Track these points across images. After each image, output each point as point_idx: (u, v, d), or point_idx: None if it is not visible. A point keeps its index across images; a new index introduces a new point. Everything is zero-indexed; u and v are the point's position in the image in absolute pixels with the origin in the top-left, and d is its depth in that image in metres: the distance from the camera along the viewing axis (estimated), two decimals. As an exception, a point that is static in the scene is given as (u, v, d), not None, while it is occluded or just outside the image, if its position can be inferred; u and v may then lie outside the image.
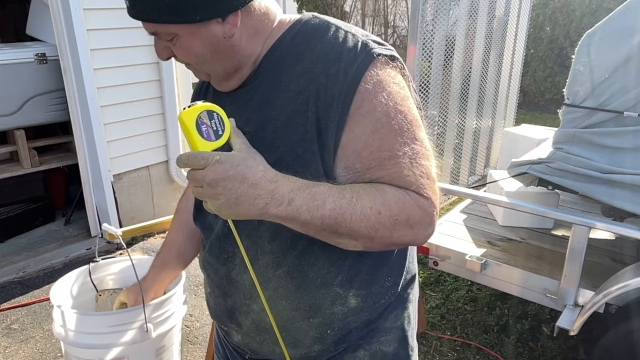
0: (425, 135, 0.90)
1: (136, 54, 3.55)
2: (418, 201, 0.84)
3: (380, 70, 0.87)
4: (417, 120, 0.89)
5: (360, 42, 0.89)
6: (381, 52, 0.88)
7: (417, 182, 0.84)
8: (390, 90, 0.86)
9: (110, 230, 1.51)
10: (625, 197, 2.01)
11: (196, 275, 3.28)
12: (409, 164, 0.85)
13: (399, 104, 0.86)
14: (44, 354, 2.53)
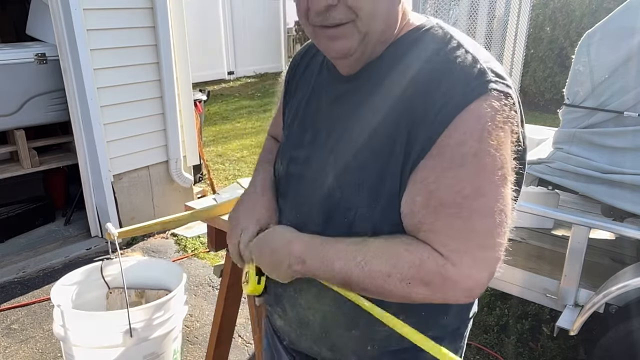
0: (509, 192, 0.79)
1: (136, 54, 3.55)
2: (440, 266, 0.77)
3: (488, 107, 0.77)
4: (505, 175, 0.78)
5: (477, 68, 0.79)
6: (496, 87, 0.78)
7: (448, 244, 0.78)
8: (491, 133, 0.77)
9: (110, 230, 1.51)
10: (625, 197, 2.01)
11: (196, 275, 3.28)
12: (454, 221, 0.78)
13: (492, 152, 0.77)
14: (44, 354, 2.53)
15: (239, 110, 8.46)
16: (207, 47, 10.74)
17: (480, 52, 0.83)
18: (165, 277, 2.10)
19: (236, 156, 5.90)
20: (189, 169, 4.18)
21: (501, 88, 0.79)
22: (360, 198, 0.85)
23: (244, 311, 2.71)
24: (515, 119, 0.81)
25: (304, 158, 0.97)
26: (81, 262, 3.13)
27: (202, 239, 3.73)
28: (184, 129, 4.04)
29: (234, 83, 11.13)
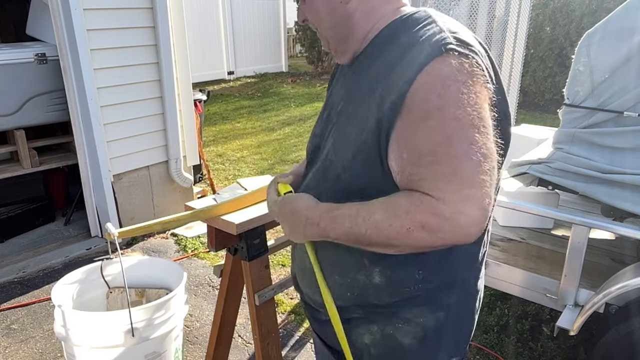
0: (484, 138, 0.86)
1: (136, 54, 3.55)
2: (433, 207, 0.84)
3: (446, 66, 0.86)
4: (473, 122, 0.85)
5: (440, 35, 0.90)
6: (455, 48, 0.87)
7: (436, 186, 0.85)
8: (450, 87, 0.85)
9: (110, 230, 1.51)
10: (626, 197, 2.01)
11: (196, 275, 3.28)
12: (437, 167, 0.85)
13: (453, 103, 0.85)
14: (44, 354, 2.53)
15: (239, 110, 8.46)
16: (207, 47, 10.75)
17: (451, 24, 0.93)
18: (165, 276, 2.11)
19: (236, 156, 5.90)
20: (189, 169, 4.18)
21: (462, 50, 0.88)
22: (346, 154, 0.99)
23: (244, 311, 2.71)
24: (481, 76, 0.88)
25: (319, 132, 1.14)
26: (81, 262, 3.13)
27: (202, 239, 3.73)
28: (184, 129, 4.04)
29: (234, 83, 11.13)
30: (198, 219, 1.71)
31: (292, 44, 15.32)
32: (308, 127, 7.26)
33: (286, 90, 10.24)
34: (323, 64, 12.67)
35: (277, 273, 3.30)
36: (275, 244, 2.22)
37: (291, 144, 6.38)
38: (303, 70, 12.86)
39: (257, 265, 1.81)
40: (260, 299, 1.81)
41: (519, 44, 3.76)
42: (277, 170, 5.30)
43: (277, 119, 7.80)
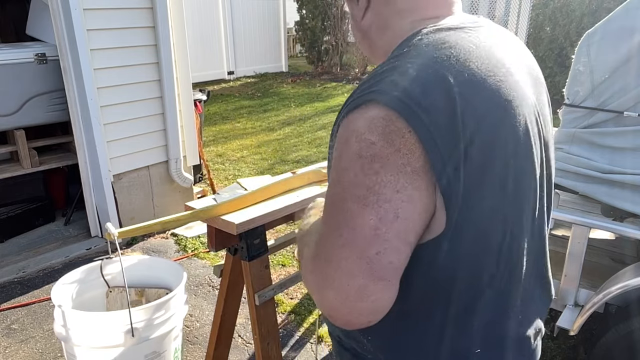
0: (359, 212, 0.70)
1: (136, 54, 3.55)
2: (306, 268, 0.80)
3: (361, 119, 0.72)
4: (355, 192, 0.71)
5: (384, 78, 0.74)
6: (376, 98, 0.72)
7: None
8: (351, 145, 0.72)
9: (110, 230, 1.51)
10: (626, 197, 2.01)
11: (196, 275, 3.28)
12: (315, 239, 0.78)
13: (345, 164, 0.73)
14: (44, 354, 2.53)
15: (239, 110, 8.46)
16: (207, 47, 10.75)
17: (428, 49, 0.76)
18: (165, 276, 2.11)
19: (236, 156, 5.90)
20: (189, 169, 4.18)
21: (377, 98, 0.72)
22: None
23: (244, 311, 2.71)
24: (400, 137, 0.69)
25: None
26: (81, 262, 3.13)
27: (202, 239, 3.73)
28: (184, 129, 4.04)
29: (234, 83, 11.14)
30: (198, 219, 1.71)
31: (292, 44, 15.33)
32: (308, 127, 7.27)
33: (286, 90, 10.24)
34: (323, 64, 12.68)
35: (277, 273, 3.30)
36: (275, 244, 2.22)
37: (291, 144, 6.38)
38: (303, 70, 12.86)
39: (257, 265, 1.81)
40: (260, 299, 1.81)
41: (519, 44, 3.76)
42: (277, 170, 5.30)
43: (277, 119, 7.80)
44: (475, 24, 0.84)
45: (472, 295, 0.80)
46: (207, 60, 10.83)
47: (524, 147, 0.78)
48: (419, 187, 0.70)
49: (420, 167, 0.70)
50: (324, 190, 1.96)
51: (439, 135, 0.69)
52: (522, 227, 0.82)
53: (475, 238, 0.76)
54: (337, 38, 12.21)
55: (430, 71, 0.72)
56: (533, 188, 0.83)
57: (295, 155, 5.90)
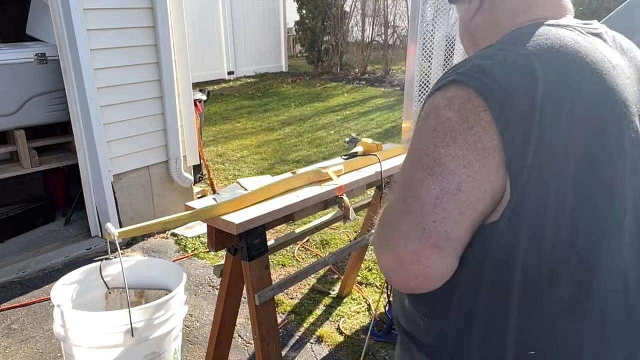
0: (429, 183, 0.74)
1: (136, 54, 3.55)
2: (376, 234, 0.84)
3: (440, 98, 0.77)
4: (429, 164, 0.75)
5: (467, 62, 0.78)
6: (460, 79, 0.75)
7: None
8: (429, 118, 0.77)
9: (110, 230, 1.51)
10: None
11: (196, 275, 3.28)
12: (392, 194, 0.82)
13: (420, 138, 0.78)
14: (44, 354, 2.53)
15: (239, 110, 8.46)
16: (207, 47, 10.75)
17: (518, 41, 0.77)
18: (165, 277, 2.11)
19: (236, 156, 5.90)
20: (189, 169, 4.18)
21: (458, 79, 0.75)
22: None
23: (244, 311, 2.71)
24: (475, 115, 0.72)
25: None
26: (81, 262, 3.13)
27: (202, 239, 3.73)
28: (184, 129, 4.04)
29: (234, 83, 11.14)
30: (198, 219, 1.71)
31: (292, 44, 15.33)
32: (308, 127, 7.27)
33: (286, 90, 10.24)
34: (323, 64, 12.68)
35: (277, 273, 3.30)
36: (275, 244, 2.22)
37: (291, 144, 6.38)
38: (303, 70, 12.86)
39: (257, 265, 1.81)
40: (260, 299, 1.81)
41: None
42: (277, 170, 5.30)
43: (277, 119, 7.80)
44: (586, 25, 0.84)
45: (532, 292, 0.77)
46: (207, 60, 10.83)
47: (613, 147, 0.76)
48: (487, 166, 0.72)
49: (492, 146, 0.72)
50: (324, 190, 1.96)
51: (514, 117, 0.71)
52: (607, 234, 0.78)
53: (535, 227, 0.74)
54: (337, 38, 12.21)
55: (517, 56, 0.74)
56: (622, 196, 0.78)
57: (295, 155, 5.90)
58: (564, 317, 0.78)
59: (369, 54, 12.09)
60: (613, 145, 0.76)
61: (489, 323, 0.81)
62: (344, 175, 2.16)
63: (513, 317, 0.79)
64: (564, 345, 0.79)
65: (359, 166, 2.25)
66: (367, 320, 2.80)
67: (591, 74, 0.75)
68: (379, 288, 3.08)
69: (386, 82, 11.02)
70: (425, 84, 2.74)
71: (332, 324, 2.78)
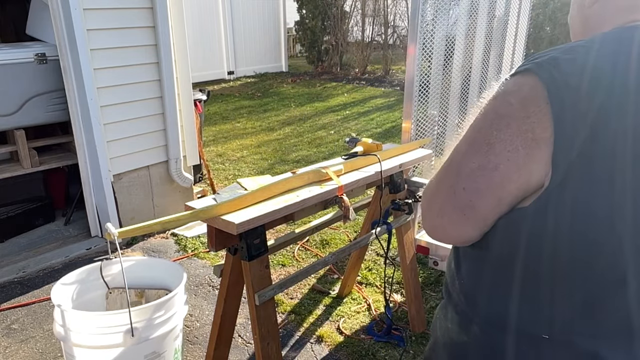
0: (482, 158, 0.80)
1: (136, 54, 3.55)
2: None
3: (512, 83, 0.81)
4: (483, 139, 0.80)
5: (543, 54, 0.81)
6: (531, 68, 0.78)
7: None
8: (496, 99, 0.83)
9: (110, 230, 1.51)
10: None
11: (196, 275, 3.28)
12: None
13: (482, 116, 0.83)
14: (44, 354, 2.53)
15: (239, 110, 8.46)
16: (207, 47, 10.75)
17: (585, 47, 0.78)
18: (165, 277, 2.11)
19: (236, 156, 5.90)
20: (189, 169, 4.18)
21: (532, 68, 0.78)
22: None
23: (244, 311, 2.71)
24: (535, 106, 0.76)
25: None
26: (81, 262, 3.13)
27: (202, 239, 3.73)
28: (184, 129, 4.04)
29: (234, 83, 11.14)
30: (198, 219, 1.71)
31: (292, 44, 15.33)
32: (308, 127, 7.27)
33: (286, 90, 10.24)
34: (323, 64, 12.68)
35: (277, 273, 3.30)
36: (275, 244, 2.22)
37: (291, 144, 6.38)
38: (303, 70, 12.86)
39: (257, 265, 1.81)
40: (260, 299, 1.81)
41: (519, 44, 3.77)
42: (277, 170, 5.30)
43: (277, 119, 7.80)
44: None
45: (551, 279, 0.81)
46: (207, 60, 10.83)
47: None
48: (533, 155, 0.76)
49: (544, 138, 0.75)
50: (324, 190, 1.96)
51: (572, 116, 0.73)
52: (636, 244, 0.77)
53: (562, 221, 0.76)
54: (337, 38, 12.21)
55: (594, 57, 0.75)
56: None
57: (295, 155, 5.90)
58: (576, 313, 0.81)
59: (369, 54, 12.10)
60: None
61: (520, 298, 0.84)
62: (344, 175, 2.15)
63: (539, 299, 0.82)
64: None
65: (359, 166, 2.25)
66: (367, 320, 2.80)
67: None
68: (379, 288, 3.08)
69: (386, 82, 11.03)
70: (425, 84, 2.74)
71: (332, 324, 2.78)
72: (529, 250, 0.81)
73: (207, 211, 1.69)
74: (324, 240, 3.72)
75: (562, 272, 0.79)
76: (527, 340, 0.85)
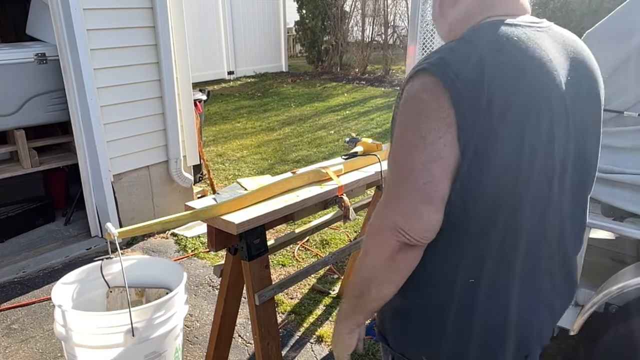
0: (415, 155, 0.93)
1: (136, 54, 3.55)
2: (373, 216, 1.01)
3: (413, 85, 0.96)
4: (409, 138, 0.95)
5: (432, 55, 0.98)
6: (424, 68, 0.95)
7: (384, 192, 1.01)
8: (407, 102, 0.97)
9: (110, 230, 1.51)
10: (626, 196, 2.01)
11: (196, 275, 3.28)
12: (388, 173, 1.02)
13: (405, 118, 0.97)
14: (44, 354, 2.53)
15: (239, 110, 8.46)
16: (207, 47, 10.75)
17: (476, 34, 0.98)
18: (165, 276, 2.11)
19: (236, 156, 5.90)
20: (189, 169, 4.18)
21: (436, 64, 0.94)
22: None
23: (244, 311, 2.71)
24: (441, 94, 0.91)
25: None
26: (81, 262, 3.13)
27: (202, 239, 3.73)
28: (184, 129, 4.04)
29: (234, 83, 11.13)
30: (198, 219, 1.71)
31: (292, 44, 15.33)
32: (308, 127, 7.27)
33: (286, 90, 10.24)
34: (323, 64, 12.68)
35: (277, 273, 3.30)
36: (275, 244, 2.22)
37: (291, 144, 6.38)
38: (303, 70, 12.86)
39: (257, 265, 1.81)
40: (260, 299, 1.81)
41: (519, 43, 3.76)
42: (277, 170, 5.30)
43: (277, 119, 7.80)
44: (534, 23, 1.05)
45: (482, 245, 1.00)
46: (207, 60, 10.82)
47: (545, 125, 0.96)
48: (453, 137, 0.92)
49: (453, 121, 0.91)
50: (324, 190, 1.96)
51: (467, 98, 0.91)
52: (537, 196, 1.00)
53: (481, 178, 0.94)
54: (337, 38, 12.21)
55: (469, 49, 0.95)
56: (551, 165, 0.99)
57: (295, 155, 5.90)
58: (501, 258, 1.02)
59: (369, 54, 12.09)
60: (546, 119, 0.96)
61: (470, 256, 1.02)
62: (344, 175, 2.15)
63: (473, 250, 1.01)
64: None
65: (359, 166, 2.25)
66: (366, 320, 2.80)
67: (532, 63, 0.96)
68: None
69: (386, 82, 11.02)
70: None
71: (332, 324, 2.78)
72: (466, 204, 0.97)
73: (207, 211, 1.69)
74: (324, 240, 3.72)
75: (485, 222, 0.99)
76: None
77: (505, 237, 1.00)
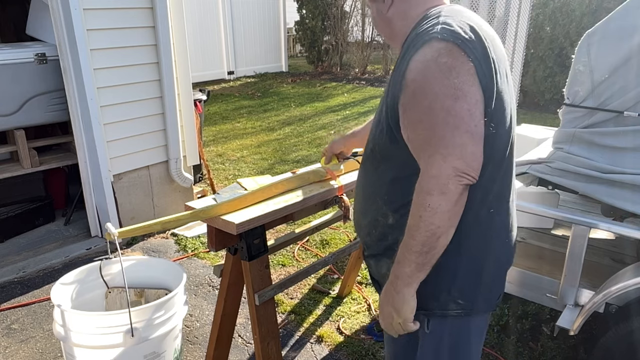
0: (461, 104, 1.04)
1: (136, 54, 3.55)
2: (427, 172, 1.08)
3: (429, 50, 1.07)
4: (449, 93, 1.04)
5: (432, 28, 1.10)
6: (437, 35, 1.08)
7: (424, 149, 1.09)
8: (430, 67, 1.06)
9: (110, 230, 1.51)
10: (626, 197, 2.01)
11: (196, 275, 3.28)
12: (424, 133, 1.08)
13: (432, 80, 1.05)
14: (44, 354, 2.53)
15: (239, 110, 8.46)
16: (207, 47, 10.75)
17: (451, 17, 1.13)
18: (165, 277, 2.11)
19: (236, 156, 5.90)
20: (189, 169, 4.18)
21: (445, 37, 1.07)
22: (375, 125, 1.29)
23: (244, 311, 2.71)
24: (460, 56, 1.05)
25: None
26: (81, 262, 3.13)
27: (202, 239, 3.73)
28: (184, 129, 4.04)
29: (234, 83, 11.13)
30: (198, 219, 1.71)
31: (292, 44, 15.33)
32: (308, 127, 7.27)
33: (286, 90, 10.24)
34: (323, 64, 12.67)
35: (277, 273, 3.30)
36: (275, 244, 2.22)
37: (291, 144, 6.38)
38: (303, 70, 12.86)
39: (257, 265, 1.81)
40: (260, 299, 1.81)
41: (519, 43, 3.77)
42: (277, 170, 5.30)
43: (277, 119, 7.80)
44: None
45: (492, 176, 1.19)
46: (207, 60, 10.83)
47: (510, 85, 1.20)
48: (478, 84, 1.07)
49: (474, 72, 1.06)
50: (324, 190, 1.96)
51: (479, 56, 1.08)
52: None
53: (499, 128, 1.13)
54: (337, 38, 12.21)
55: (461, 19, 1.12)
56: (514, 117, 1.23)
57: (295, 155, 5.90)
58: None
59: (369, 54, 12.09)
60: (509, 81, 1.20)
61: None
62: (344, 175, 2.16)
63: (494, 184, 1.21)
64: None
65: (359, 166, 2.25)
66: (367, 320, 2.80)
67: (496, 36, 1.21)
68: (379, 288, 3.08)
69: (386, 82, 11.01)
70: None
71: (332, 324, 2.78)
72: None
73: (207, 211, 1.69)
74: (324, 240, 3.72)
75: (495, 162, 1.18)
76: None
77: (504, 177, 1.21)
